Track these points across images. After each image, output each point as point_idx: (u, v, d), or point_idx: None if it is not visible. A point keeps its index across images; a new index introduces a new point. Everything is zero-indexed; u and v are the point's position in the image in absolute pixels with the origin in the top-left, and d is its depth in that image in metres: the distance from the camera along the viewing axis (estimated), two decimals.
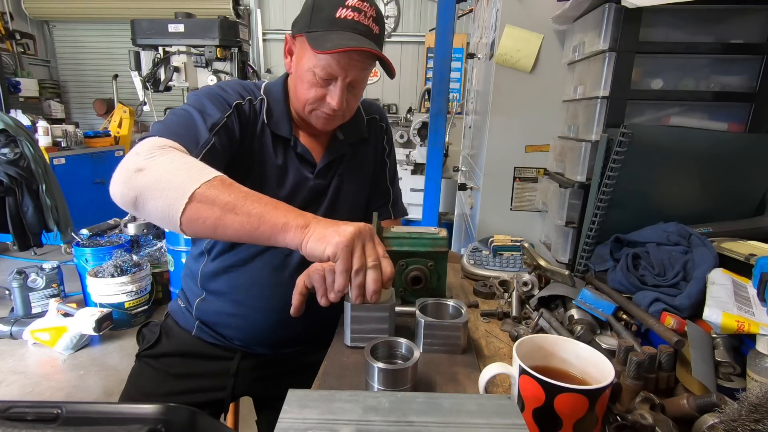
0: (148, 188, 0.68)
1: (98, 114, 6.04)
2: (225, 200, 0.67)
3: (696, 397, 0.56)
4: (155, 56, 3.23)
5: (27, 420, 0.36)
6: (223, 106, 0.89)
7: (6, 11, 5.71)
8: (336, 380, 0.69)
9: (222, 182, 0.69)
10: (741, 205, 1.01)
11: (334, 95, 0.89)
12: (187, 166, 0.70)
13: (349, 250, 0.66)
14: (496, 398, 0.47)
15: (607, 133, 1.03)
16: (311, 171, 1.01)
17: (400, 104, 5.83)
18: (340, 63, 0.86)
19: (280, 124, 0.97)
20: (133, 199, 0.69)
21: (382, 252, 0.70)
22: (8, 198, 2.90)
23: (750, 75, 1.04)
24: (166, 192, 0.67)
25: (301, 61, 0.90)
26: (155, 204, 0.68)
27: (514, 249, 1.21)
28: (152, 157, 0.70)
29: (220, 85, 0.95)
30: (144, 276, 2.85)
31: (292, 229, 0.67)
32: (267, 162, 0.96)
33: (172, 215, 0.67)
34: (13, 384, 2.29)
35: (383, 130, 1.16)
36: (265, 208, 0.68)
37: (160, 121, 0.85)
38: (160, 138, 0.77)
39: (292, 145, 0.98)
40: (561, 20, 1.34)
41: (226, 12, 5.19)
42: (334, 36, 0.84)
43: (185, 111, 0.86)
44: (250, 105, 0.94)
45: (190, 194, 0.66)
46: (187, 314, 1.07)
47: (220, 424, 0.42)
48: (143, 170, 0.69)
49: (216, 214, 0.67)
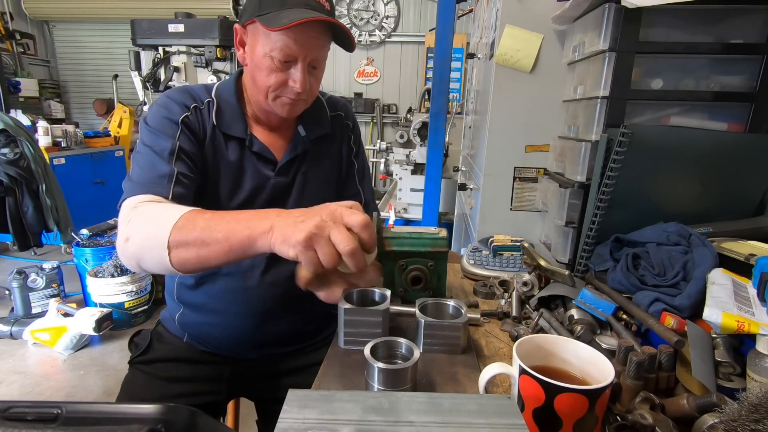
0: (139, 254, 0.75)
1: (98, 114, 6.03)
2: (194, 237, 0.69)
3: (696, 397, 0.56)
4: (155, 56, 3.24)
5: (27, 420, 0.36)
6: (171, 128, 0.89)
7: (6, 11, 5.71)
8: (336, 380, 0.69)
9: (186, 220, 0.71)
10: (741, 205, 1.01)
11: (296, 78, 0.87)
12: (157, 217, 0.74)
13: (311, 250, 0.63)
14: (496, 398, 0.47)
15: (607, 133, 1.03)
16: (272, 169, 0.98)
17: (400, 104, 5.83)
18: (297, 41, 0.84)
19: (232, 124, 0.95)
20: (136, 266, 0.77)
21: (356, 221, 0.64)
22: (8, 198, 2.90)
23: (750, 75, 1.04)
24: (150, 252, 0.73)
25: (255, 48, 0.88)
26: (151, 263, 0.75)
27: (514, 249, 1.21)
28: (130, 222, 0.76)
29: (164, 103, 0.93)
30: (144, 276, 2.85)
31: (258, 237, 0.66)
32: (221, 165, 0.95)
33: (166, 268, 0.72)
34: (13, 384, 2.29)
35: (349, 128, 1.12)
36: (227, 227, 0.68)
37: (128, 177, 0.86)
38: (132, 197, 0.81)
39: (247, 145, 0.96)
40: (561, 20, 1.34)
41: (226, 12, 5.19)
42: (288, 12, 0.82)
43: (142, 155, 0.87)
44: (196, 113, 0.93)
45: (167, 245, 0.70)
46: (175, 324, 1.06)
47: (220, 425, 0.43)
48: (129, 239, 0.75)
49: (194, 253, 0.70)
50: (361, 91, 5.85)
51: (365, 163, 1.18)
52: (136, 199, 0.80)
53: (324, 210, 0.66)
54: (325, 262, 0.63)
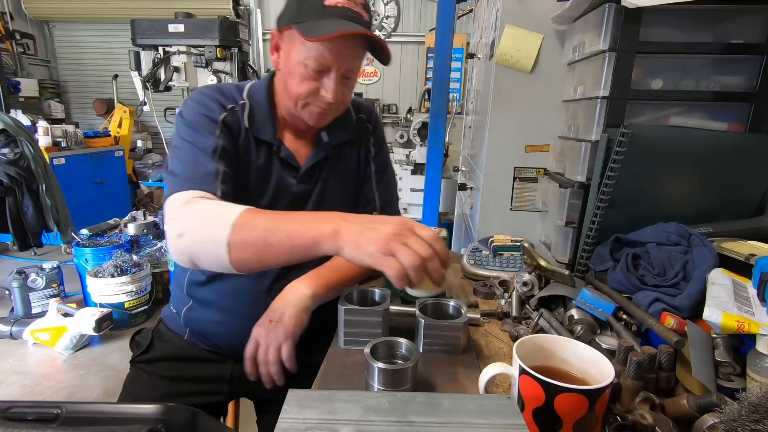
0: (194, 250, 0.75)
1: (98, 114, 6.04)
2: (255, 237, 0.70)
3: (696, 397, 0.56)
4: (155, 56, 3.23)
5: (27, 420, 0.37)
6: (211, 126, 0.89)
7: (6, 11, 5.71)
8: (336, 380, 0.69)
9: (246, 218, 0.72)
10: (741, 205, 1.01)
11: (329, 88, 0.87)
12: (213, 214, 0.75)
13: (390, 256, 0.62)
14: (496, 398, 0.47)
15: (607, 133, 1.03)
16: (294, 176, 0.98)
17: (400, 104, 5.83)
18: (333, 52, 0.84)
19: (262, 128, 0.95)
20: (190, 262, 0.77)
21: (430, 235, 0.65)
22: (8, 198, 2.90)
23: (750, 75, 1.04)
24: (207, 249, 0.73)
25: (290, 54, 0.87)
26: (207, 260, 0.75)
27: (514, 249, 1.21)
28: (182, 218, 0.77)
29: (200, 100, 0.92)
30: (144, 276, 2.85)
31: (324, 239, 0.67)
32: (250, 168, 0.94)
33: (224, 266, 0.73)
34: (13, 384, 2.29)
35: (369, 131, 1.10)
36: (290, 228, 0.69)
37: (169, 172, 0.85)
38: (180, 193, 0.80)
39: (275, 150, 0.96)
40: (561, 20, 1.34)
41: (226, 12, 5.19)
42: (326, 23, 0.81)
43: (183, 150, 0.86)
44: (232, 114, 0.93)
45: (226, 244, 0.70)
46: (178, 320, 1.06)
47: (220, 424, 0.43)
48: (183, 234, 0.75)
49: (255, 252, 0.71)
50: (361, 91, 5.85)
51: (386, 165, 1.13)
52: (186, 194, 0.79)
53: (394, 219, 0.66)
54: (409, 264, 0.61)
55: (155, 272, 3.01)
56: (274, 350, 0.85)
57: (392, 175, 1.16)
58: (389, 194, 1.12)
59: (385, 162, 1.13)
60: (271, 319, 0.86)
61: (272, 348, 0.85)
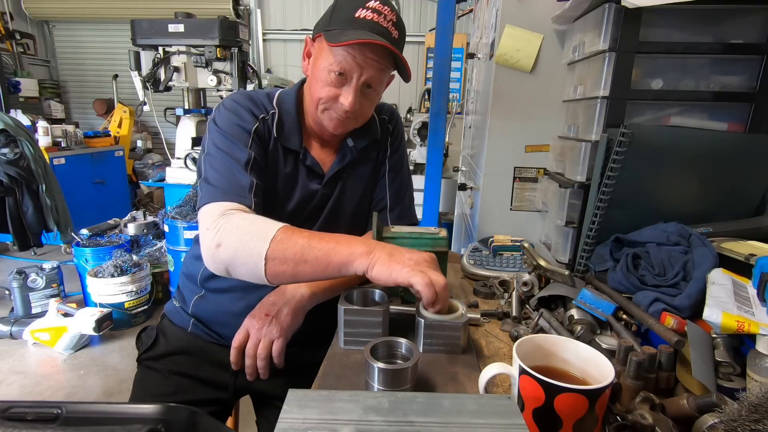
0: (231, 261, 0.78)
1: (98, 114, 6.04)
2: (293, 253, 0.75)
3: (696, 397, 0.56)
4: (155, 56, 3.22)
5: (27, 420, 0.37)
6: (244, 137, 0.91)
7: (6, 11, 5.72)
8: (336, 380, 0.69)
9: (284, 234, 0.76)
10: (741, 205, 1.01)
11: (348, 95, 0.89)
12: (252, 228, 0.78)
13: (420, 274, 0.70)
14: (496, 398, 0.47)
15: (607, 133, 1.03)
16: (319, 182, 1.01)
17: (400, 104, 5.83)
18: (356, 59, 0.86)
19: (290, 137, 0.97)
20: (225, 271, 0.81)
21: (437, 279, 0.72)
22: (8, 198, 2.90)
23: (750, 75, 1.04)
24: (245, 261, 0.77)
25: (318, 60, 0.90)
26: (243, 270, 0.78)
27: (514, 249, 1.21)
28: (221, 229, 0.79)
29: (234, 109, 0.93)
30: (144, 276, 2.85)
31: (358, 257, 0.74)
32: (278, 176, 0.97)
33: (259, 278, 0.77)
34: (13, 384, 2.29)
35: (389, 131, 1.11)
36: (328, 246, 0.75)
37: (203, 179, 0.88)
38: (217, 203, 0.83)
39: (301, 158, 0.99)
40: (561, 20, 1.34)
41: (226, 12, 5.19)
42: (352, 32, 0.84)
43: (218, 160, 0.88)
44: (263, 124, 0.95)
45: (263, 257, 0.75)
46: (182, 312, 1.07)
47: (220, 424, 0.43)
48: (221, 245, 0.78)
49: (291, 268, 0.75)
50: None
51: (401, 166, 1.13)
52: (222, 205, 0.82)
53: (422, 252, 0.76)
54: (438, 280, 0.70)
55: (155, 272, 3.01)
56: (265, 345, 0.87)
57: (407, 176, 1.16)
58: (401, 194, 1.12)
59: (401, 162, 1.14)
60: (267, 312, 0.88)
61: (264, 342, 0.87)
